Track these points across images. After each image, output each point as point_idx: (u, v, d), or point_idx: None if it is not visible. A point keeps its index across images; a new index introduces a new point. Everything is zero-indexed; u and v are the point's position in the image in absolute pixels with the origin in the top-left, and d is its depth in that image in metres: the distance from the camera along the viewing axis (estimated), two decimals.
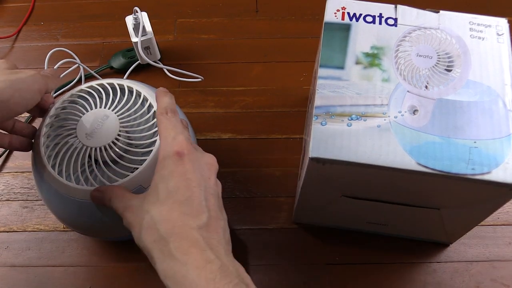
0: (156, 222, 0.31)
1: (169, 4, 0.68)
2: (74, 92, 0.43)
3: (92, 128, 0.40)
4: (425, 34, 0.41)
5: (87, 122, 0.41)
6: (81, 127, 0.41)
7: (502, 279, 0.47)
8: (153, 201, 0.32)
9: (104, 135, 0.40)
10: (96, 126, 0.40)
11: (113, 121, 0.41)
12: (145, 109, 0.43)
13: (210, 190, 0.33)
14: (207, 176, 0.34)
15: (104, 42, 0.65)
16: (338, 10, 0.43)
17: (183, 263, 0.29)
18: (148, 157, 0.40)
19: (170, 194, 0.32)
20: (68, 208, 0.41)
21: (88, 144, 0.40)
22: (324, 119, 0.37)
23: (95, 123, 0.41)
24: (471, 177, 0.35)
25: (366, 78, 0.39)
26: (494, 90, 0.38)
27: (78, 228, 0.45)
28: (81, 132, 0.40)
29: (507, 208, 0.51)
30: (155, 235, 0.31)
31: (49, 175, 0.40)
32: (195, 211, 0.31)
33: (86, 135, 0.40)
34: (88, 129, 0.40)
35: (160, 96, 0.38)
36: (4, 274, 0.48)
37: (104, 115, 0.41)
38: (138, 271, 0.48)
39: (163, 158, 0.33)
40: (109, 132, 0.40)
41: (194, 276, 0.29)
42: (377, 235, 0.49)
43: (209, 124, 0.57)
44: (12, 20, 0.67)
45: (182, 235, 0.30)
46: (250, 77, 0.61)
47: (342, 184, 0.40)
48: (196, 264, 0.29)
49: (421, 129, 0.37)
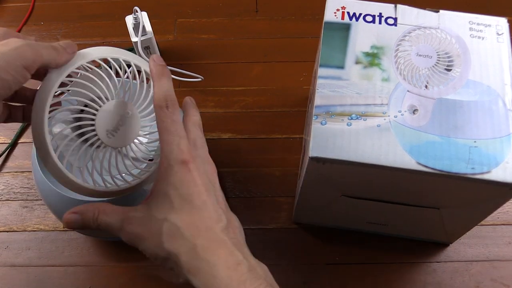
0: (179, 228, 0.31)
1: (169, 4, 0.68)
2: (85, 62, 0.34)
3: (115, 124, 0.34)
4: (425, 33, 0.41)
5: (108, 115, 0.34)
6: (102, 120, 0.34)
7: (502, 279, 0.47)
8: (167, 209, 0.31)
9: (126, 134, 0.35)
10: (120, 123, 0.35)
11: (136, 118, 0.36)
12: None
13: (218, 193, 0.33)
14: (213, 181, 0.34)
15: (104, 42, 0.65)
16: (338, 9, 0.43)
17: (212, 264, 0.29)
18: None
19: (185, 201, 0.31)
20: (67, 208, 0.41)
21: (109, 143, 0.34)
22: (324, 119, 0.37)
23: (117, 118, 0.34)
24: (471, 176, 0.35)
25: (366, 77, 0.39)
26: (494, 90, 0.38)
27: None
28: (102, 127, 0.34)
29: (507, 208, 0.51)
30: (180, 240, 0.30)
31: (54, 167, 0.33)
32: (214, 215, 0.31)
33: (107, 133, 0.34)
34: (110, 125, 0.34)
35: (157, 77, 0.33)
36: (4, 274, 0.48)
37: (127, 110, 0.35)
38: (138, 271, 0.48)
39: (169, 166, 0.32)
40: (131, 131, 0.35)
41: (225, 277, 0.29)
42: (377, 235, 0.49)
43: (209, 124, 0.57)
44: (12, 20, 0.67)
45: (209, 238, 0.30)
46: (250, 77, 0.61)
47: (342, 184, 0.40)
48: (226, 265, 0.29)
49: (421, 128, 0.37)
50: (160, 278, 0.48)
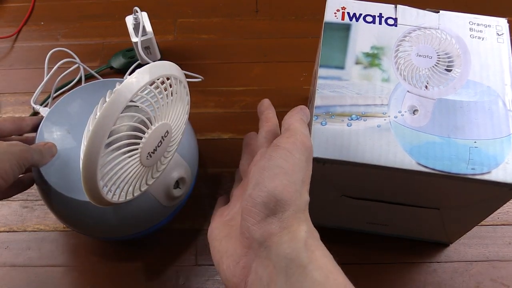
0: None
1: (169, 4, 0.68)
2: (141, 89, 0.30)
3: (155, 146, 0.33)
4: (425, 34, 0.41)
5: (153, 137, 0.33)
6: (147, 145, 0.32)
7: (502, 279, 0.47)
8: None
9: (160, 153, 0.34)
10: (158, 145, 0.33)
11: (169, 136, 0.34)
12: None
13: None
14: None
15: (104, 42, 0.65)
16: (338, 10, 0.43)
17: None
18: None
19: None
20: (68, 208, 0.41)
21: (146, 164, 0.33)
22: (324, 119, 0.37)
23: (158, 140, 0.33)
24: (471, 177, 0.35)
25: (366, 78, 0.39)
26: (494, 90, 0.38)
27: (78, 228, 0.45)
28: (145, 151, 0.32)
29: (507, 208, 0.51)
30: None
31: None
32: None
33: (148, 155, 0.33)
34: (151, 148, 0.33)
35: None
36: (4, 274, 0.48)
37: (167, 129, 0.33)
38: (138, 271, 0.48)
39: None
40: (163, 148, 0.34)
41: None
42: (378, 235, 0.49)
43: (209, 124, 0.57)
44: (12, 20, 0.67)
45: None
46: (250, 77, 0.61)
47: (342, 184, 0.40)
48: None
49: (421, 129, 0.37)
50: (160, 278, 0.48)
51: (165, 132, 0.33)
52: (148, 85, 0.30)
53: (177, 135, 0.36)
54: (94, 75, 0.60)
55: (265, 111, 0.37)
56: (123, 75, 0.60)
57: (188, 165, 0.44)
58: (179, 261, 0.49)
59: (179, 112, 0.35)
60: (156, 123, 0.32)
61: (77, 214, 0.41)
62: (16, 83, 0.62)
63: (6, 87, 0.61)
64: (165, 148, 0.35)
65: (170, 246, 0.49)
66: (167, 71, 0.32)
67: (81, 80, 0.60)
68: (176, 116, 0.35)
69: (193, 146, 0.47)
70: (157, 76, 0.31)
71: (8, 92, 0.61)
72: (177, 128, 0.36)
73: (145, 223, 0.43)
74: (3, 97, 0.61)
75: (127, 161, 0.32)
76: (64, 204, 0.41)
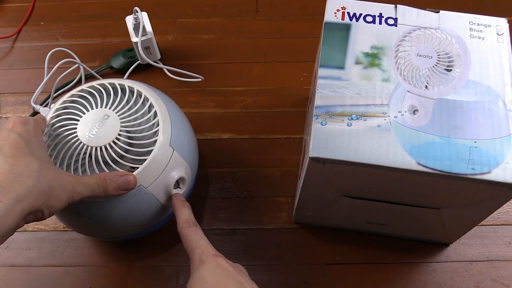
0: None
1: (169, 4, 0.68)
2: (75, 92, 0.44)
3: (93, 127, 0.41)
4: (425, 34, 0.41)
5: (88, 122, 0.41)
6: (82, 126, 0.41)
7: (502, 279, 0.47)
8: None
9: (105, 134, 0.40)
10: (97, 126, 0.41)
11: (114, 120, 0.41)
12: (146, 108, 0.43)
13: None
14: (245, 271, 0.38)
15: (104, 42, 0.65)
16: (338, 10, 0.43)
17: None
18: (149, 157, 0.40)
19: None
20: (68, 208, 0.41)
21: (89, 143, 0.40)
22: (324, 119, 0.37)
23: (95, 122, 0.41)
24: (471, 177, 0.35)
25: (366, 78, 0.39)
26: (494, 90, 0.38)
27: (78, 228, 0.45)
28: (82, 131, 0.41)
29: (507, 208, 0.51)
30: None
31: None
32: None
33: (87, 135, 0.40)
34: (89, 129, 0.41)
35: (179, 208, 0.41)
36: (4, 274, 0.48)
37: (105, 114, 0.41)
38: (138, 271, 0.48)
39: (201, 261, 0.36)
40: (110, 132, 0.41)
41: None
42: (377, 235, 0.49)
43: (209, 124, 0.57)
44: (12, 20, 0.67)
45: None
46: (250, 77, 0.61)
47: (342, 184, 0.40)
48: None
49: (421, 129, 0.37)
50: (160, 278, 0.48)
51: (103, 115, 0.41)
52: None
53: (129, 122, 0.42)
54: (94, 75, 0.60)
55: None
56: (123, 75, 0.60)
57: (188, 165, 0.44)
58: (179, 261, 0.49)
59: (123, 104, 0.43)
60: (87, 111, 0.42)
61: (77, 214, 0.41)
62: (16, 83, 0.62)
63: (6, 87, 0.61)
64: (113, 133, 0.41)
65: (170, 246, 0.49)
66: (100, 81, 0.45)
67: (81, 80, 0.60)
68: (117, 106, 0.43)
69: (193, 146, 0.47)
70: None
71: (8, 92, 0.61)
72: (125, 115, 0.42)
73: (145, 223, 0.43)
74: (3, 97, 0.61)
75: (68, 138, 0.41)
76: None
